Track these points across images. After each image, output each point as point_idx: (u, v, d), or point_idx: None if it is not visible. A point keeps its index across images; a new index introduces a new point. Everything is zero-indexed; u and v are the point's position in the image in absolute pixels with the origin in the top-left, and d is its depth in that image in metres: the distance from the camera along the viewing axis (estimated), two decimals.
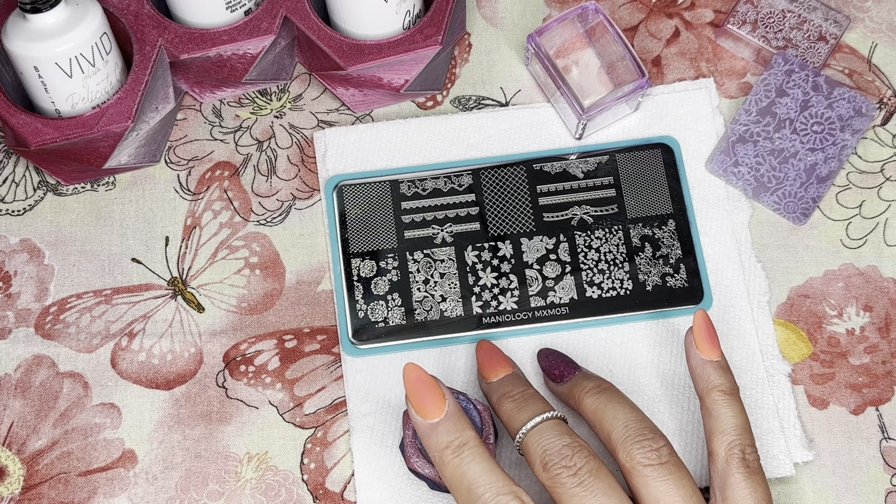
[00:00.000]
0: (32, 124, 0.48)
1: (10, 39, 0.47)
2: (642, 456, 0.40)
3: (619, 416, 0.42)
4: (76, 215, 0.53)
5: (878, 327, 0.51)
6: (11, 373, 0.50)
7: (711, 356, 0.44)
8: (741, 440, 0.42)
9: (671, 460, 0.40)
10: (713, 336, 0.44)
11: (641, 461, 0.40)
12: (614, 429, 0.41)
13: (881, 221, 0.53)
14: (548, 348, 0.49)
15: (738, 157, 0.52)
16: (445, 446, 0.40)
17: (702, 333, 0.44)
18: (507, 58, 0.56)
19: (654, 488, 0.40)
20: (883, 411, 0.49)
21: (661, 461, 0.40)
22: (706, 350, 0.44)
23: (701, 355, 0.44)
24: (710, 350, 0.44)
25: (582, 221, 0.51)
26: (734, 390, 0.43)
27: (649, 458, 0.40)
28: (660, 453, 0.40)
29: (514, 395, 0.44)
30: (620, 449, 0.41)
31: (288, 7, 0.51)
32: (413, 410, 0.41)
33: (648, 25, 0.56)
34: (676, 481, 0.40)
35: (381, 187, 0.52)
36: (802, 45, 0.54)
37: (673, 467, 0.40)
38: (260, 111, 0.54)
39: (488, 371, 0.46)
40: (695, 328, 0.44)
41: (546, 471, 0.40)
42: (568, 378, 0.46)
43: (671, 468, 0.40)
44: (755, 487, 0.41)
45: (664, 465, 0.40)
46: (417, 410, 0.40)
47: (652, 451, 0.40)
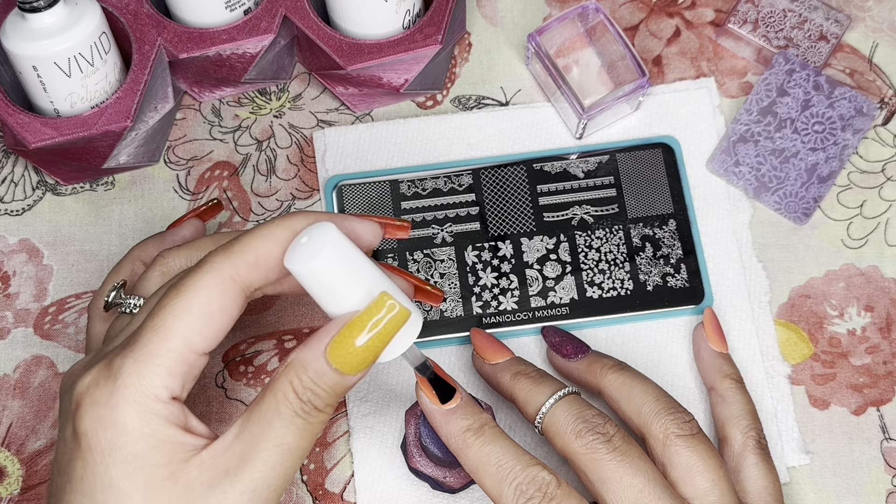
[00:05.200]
0: (31, 124, 0.48)
1: (8, 39, 0.46)
2: (676, 427, 0.41)
3: (650, 390, 0.43)
4: (75, 215, 0.53)
5: (880, 327, 0.50)
6: (10, 373, 0.50)
7: (722, 348, 0.47)
8: (755, 425, 0.45)
9: (701, 433, 0.42)
10: (721, 331, 0.48)
11: (676, 431, 0.41)
12: (646, 402, 0.43)
13: (882, 221, 0.52)
14: (552, 326, 0.49)
15: (739, 157, 0.52)
16: (466, 428, 0.40)
17: (712, 327, 0.48)
18: (508, 57, 0.55)
19: (687, 457, 0.41)
20: (884, 412, 0.49)
21: (692, 432, 0.41)
22: (717, 343, 0.47)
23: (713, 347, 0.47)
24: (720, 343, 0.47)
25: (582, 221, 0.51)
26: (742, 380, 0.47)
27: (682, 430, 0.41)
28: (691, 425, 0.42)
29: (529, 372, 0.44)
30: (654, 420, 0.42)
31: (287, 6, 0.51)
32: (427, 399, 0.41)
33: (649, 25, 0.56)
34: (707, 451, 0.41)
35: (381, 187, 0.52)
36: (803, 45, 0.54)
37: (703, 438, 0.42)
38: (259, 111, 0.54)
39: (492, 353, 0.46)
40: (706, 322, 0.48)
41: (580, 438, 0.40)
42: (581, 355, 0.47)
43: (701, 439, 0.42)
44: (769, 469, 0.44)
45: (695, 437, 0.41)
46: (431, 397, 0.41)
47: (684, 422, 0.42)
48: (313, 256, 0.34)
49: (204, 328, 0.34)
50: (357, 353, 0.35)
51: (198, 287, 0.34)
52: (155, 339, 0.34)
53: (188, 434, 0.34)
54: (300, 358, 0.35)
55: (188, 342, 0.34)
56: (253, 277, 0.35)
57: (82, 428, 0.34)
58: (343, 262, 0.34)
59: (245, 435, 0.34)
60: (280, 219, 0.36)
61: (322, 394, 0.35)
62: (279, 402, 0.34)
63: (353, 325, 0.35)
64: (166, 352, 0.34)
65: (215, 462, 0.34)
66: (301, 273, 0.34)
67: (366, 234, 0.38)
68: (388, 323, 0.35)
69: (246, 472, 0.34)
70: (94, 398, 0.34)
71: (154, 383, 0.33)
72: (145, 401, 0.33)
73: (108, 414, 0.33)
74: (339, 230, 0.35)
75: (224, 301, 0.35)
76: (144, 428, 0.33)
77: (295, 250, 0.35)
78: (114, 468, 0.33)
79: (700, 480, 0.40)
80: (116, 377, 0.33)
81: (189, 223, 0.47)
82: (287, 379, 0.35)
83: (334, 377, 0.35)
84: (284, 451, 0.34)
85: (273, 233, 0.35)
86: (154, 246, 0.46)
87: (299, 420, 0.34)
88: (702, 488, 0.40)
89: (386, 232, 0.40)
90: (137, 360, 0.34)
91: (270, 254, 0.35)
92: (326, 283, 0.35)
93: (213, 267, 0.35)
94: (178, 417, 0.34)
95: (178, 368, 0.34)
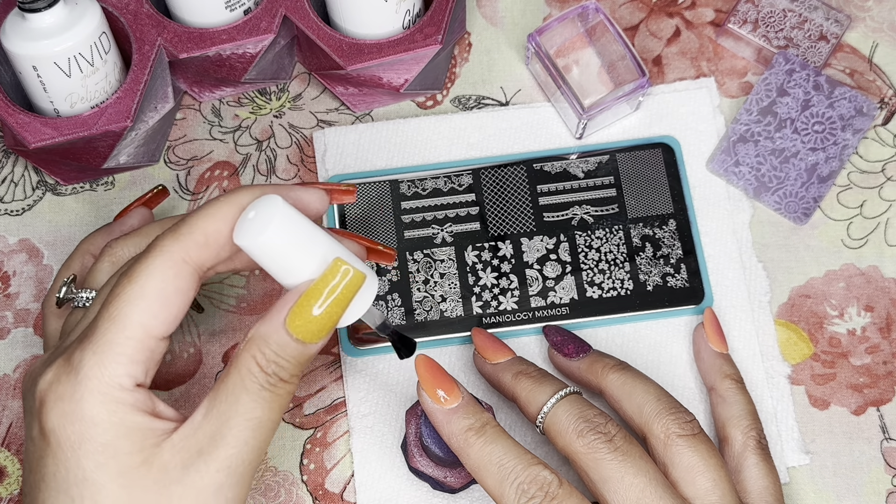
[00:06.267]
0: (31, 124, 0.48)
1: (8, 39, 0.46)
2: (678, 427, 0.41)
3: (651, 390, 0.43)
4: (75, 215, 0.53)
5: (880, 327, 0.50)
6: (10, 373, 0.50)
7: (722, 349, 0.48)
8: (756, 425, 0.45)
9: (702, 433, 0.42)
10: (721, 331, 0.48)
11: (677, 431, 0.41)
12: (647, 402, 0.43)
13: (882, 221, 0.52)
14: (553, 325, 0.49)
15: (739, 157, 0.52)
16: (468, 428, 0.40)
17: (713, 328, 0.48)
18: (508, 57, 0.55)
19: (689, 457, 0.41)
20: (884, 412, 0.49)
21: (693, 432, 0.41)
22: (717, 343, 0.48)
23: (713, 348, 0.47)
24: (720, 343, 0.48)
25: (582, 221, 0.51)
26: (742, 380, 0.47)
27: (684, 429, 0.41)
28: (692, 425, 0.42)
29: (530, 372, 0.44)
30: (656, 420, 0.42)
31: (287, 6, 0.51)
32: (428, 399, 0.41)
33: (649, 25, 0.56)
34: (708, 451, 0.41)
35: (381, 187, 0.52)
36: (803, 45, 0.54)
37: (704, 438, 0.42)
38: (259, 111, 0.54)
39: (492, 353, 0.46)
40: (706, 323, 0.48)
41: (581, 437, 0.40)
42: (583, 354, 0.47)
43: (703, 439, 0.42)
44: (770, 468, 0.44)
45: (696, 437, 0.41)
46: (433, 396, 0.41)
47: (686, 422, 0.42)
48: (262, 231, 0.34)
49: (160, 312, 0.34)
50: (316, 320, 0.35)
51: (150, 272, 0.34)
52: (112, 328, 0.34)
53: (156, 419, 0.34)
54: (261, 332, 0.35)
55: (146, 328, 0.34)
56: (204, 257, 0.35)
57: (49, 425, 0.33)
58: (292, 233, 0.34)
59: (214, 413, 0.34)
60: (225, 195, 0.36)
61: (286, 364, 0.35)
62: (244, 377, 0.34)
63: (309, 293, 0.35)
64: (125, 340, 0.33)
65: (187, 443, 0.34)
66: (251, 248, 0.34)
67: (313, 201, 0.38)
68: (345, 288, 0.35)
69: (220, 450, 0.34)
70: (57, 394, 0.34)
71: (116, 372, 0.33)
72: (109, 391, 0.33)
73: (74, 408, 0.33)
74: (285, 201, 0.35)
75: (178, 283, 0.34)
76: (112, 417, 0.33)
77: (243, 226, 0.35)
78: (85, 460, 0.33)
79: (701, 480, 0.40)
80: (78, 370, 0.33)
81: (136, 212, 0.47)
82: (250, 353, 0.35)
83: (296, 347, 0.35)
84: (255, 424, 0.34)
85: (220, 210, 0.35)
86: (102, 237, 0.46)
87: (266, 393, 0.35)
88: (703, 488, 0.40)
89: (332, 198, 0.40)
90: (97, 352, 0.33)
91: (219, 231, 0.35)
92: (278, 256, 0.35)
93: (163, 250, 0.34)
94: (145, 403, 0.34)
95: (139, 355, 0.34)
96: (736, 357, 0.49)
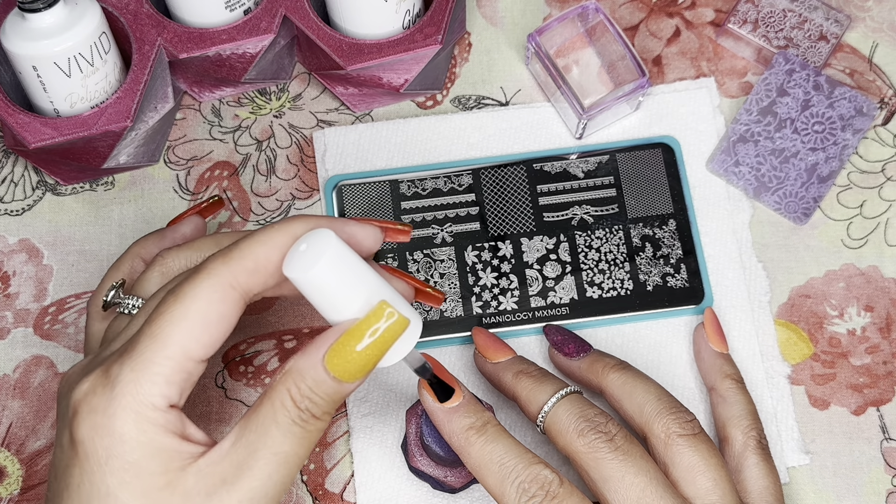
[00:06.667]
0: (31, 124, 0.48)
1: (8, 39, 0.46)
2: (678, 426, 0.41)
3: (651, 390, 0.43)
4: (75, 215, 0.53)
5: (879, 327, 0.50)
6: (10, 373, 0.50)
7: (722, 349, 0.47)
8: (756, 425, 0.45)
9: (702, 432, 0.42)
10: (722, 331, 0.48)
11: (678, 431, 0.41)
12: (648, 401, 0.43)
13: (882, 221, 0.52)
14: (554, 324, 0.49)
15: (739, 157, 0.52)
16: (469, 426, 0.40)
17: (713, 328, 0.48)
18: (508, 57, 0.55)
19: (689, 457, 0.41)
20: (884, 412, 0.49)
21: (694, 432, 0.41)
22: (717, 343, 0.47)
23: (713, 347, 0.47)
24: (720, 343, 0.48)
25: (582, 221, 0.51)
26: (742, 379, 0.47)
27: (684, 429, 0.41)
28: (693, 425, 0.42)
29: (531, 371, 0.44)
30: (656, 420, 0.42)
31: (287, 6, 0.51)
32: (429, 397, 0.41)
33: (649, 25, 0.56)
34: (709, 451, 0.41)
35: (381, 187, 0.52)
36: (803, 45, 0.54)
37: (705, 438, 0.42)
38: (259, 111, 0.54)
39: (493, 352, 0.46)
40: (706, 323, 0.48)
41: (582, 437, 0.40)
42: (583, 354, 0.47)
43: (703, 438, 0.42)
44: (770, 469, 0.44)
45: (697, 436, 0.41)
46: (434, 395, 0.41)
47: (686, 422, 0.42)
48: (312, 265, 0.34)
49: (202, 336, 0.34)
50: (355, 361, 0.34)
51: (196, 294, 0.34)
52: (152, 346, 0.33)
53: (185, 442, 0.34)
54: (298, 366, 0.34)
55: (186, 350, 0.34)
56: (252, 284, 0.35)
57: (79, 435, 0.33)
58: (342, 270, 0.34)
59: (242, 443, 0.34)
60: (279, 224, 0.36)
61: (320, 402, 0.35)
62: (276, 410, 0.34)
63: (351, 333, 0.34)
64: (164, 360, 0.33)
65: (212, 470, 0.34)
66: (299, 281, 0.34)
67: (366, 238, 0.38)
68: (387, 331, 0.34)
69: (243, 481, 0.34)
70: (91, 406, 0.33)
71: (151, 392, 0.33)
72: (143, 409, 0.33)
73: (106, 422, 0.33)
74: (337, 237, 0.34)
75: (223, 308, 0.34)
76: (141, 437, 0.33)
77: (293, 258, 0.35)
78: (111, 477, 0.33)
79: (702, 480, 0.40)
80: (114, 385, 0.33)
81: (189, 220, 0.47)
82: (285, 387, 0.34)
83: (332, 385, 0.34)
84: (282, 459, 0.34)
85: (272, 238, 0.35)
86: (154, 243, 0.46)
87: (297, 428, 0.34)
88: (703, 488, 0.40)
89: (387, 236, 0.40)
90: (135, 369, 0.33)
91: (269, 260, 0.35)
92: (325, 291, 0.34)
93: (211, 273, 0.34)
94: (176, 425, 0.34)
95: (176, 377, 0.34)
96: (736, 357, 0.49)
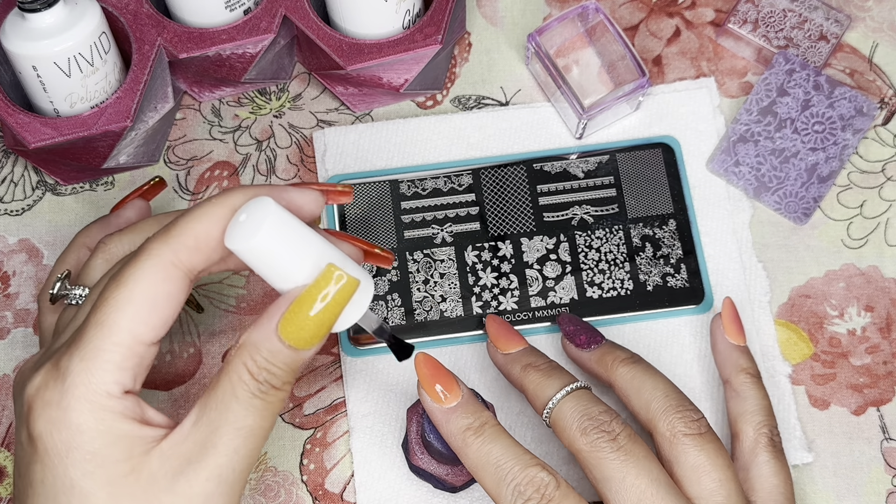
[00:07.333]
0: (31, 124, 0.48)
1: (8, 39, 0.46)
2: (683, 425, 0.41)
3: (659, 386, 0.42)
4: (75, 215, 0.53)
5: (880, 327, 0.50)
6: (10, 373, 0.50)
7: (739, 341, 0.46)
8: (769, 421, 0.44)
9: (709, 431, 0.41)
10: (740, 322, 0.46)
11: (683, 430, 0.41)
12: (654, 398, 0.42)
13: (882, 221, 0.52)
14: (569, 314, 0.48)
15: (739, 157, 0.52)
16: (467, 427, 0.40)
17: (730, 319, 0.46)
18: (508, 57, 0.55)
19: (694, 457, 0.40)
20: (884, 412, 0.49)
21: (700, 431, 0.41)
22: (734, 335, 0.46)
23: (729, 339, 0.46)
24: (737, 335, 0.46)
25: (582, 221, 0.51)
26: (759, 374, 0.45)
27: (690, 428, 0.41)
28: (699, 424, 0.41)
29: (539, 365, 0.44)
30: (661, 418, 0.41)
31: (287, 6, 0.51)
32: (428, 397, 0.40)
33: (649, 24, 0.56)
34: (715, 450, 0.41)
35: (381, 187, 0.52)
36: (803, 45, 0.54)
37: (711, 437, 0.41)
38: (259, 111, 0.54)
39: (505, 342, 0.46)
40: (723, 314, 0.47)
41: (585, 435, 0.40)
42: (595, 346, 0.46)
43: (710, 438, 0.41)
44: (781, 466, 0.43)
45: (703, 436, 0.41)
46: (433, 395, 0.40)
47: (693, 421, 0.41)
48: (253, 234, 0.33)
49: (150, 318, 0.33)
50: (309, 327, 0.34)
51: (138, 276, 0.33)
52: (99, 334, 0.33)
53: (145, 426, 0.34)
54: (252, 339, 0.34)
55: (135, 334, 0.33)
56: (195, 260, 0.34)
57: (36, 431, 0.33)
58: (284, 236, 0.33)
59: (204, 421, 0.34)
60: (217, 196, 0.35)
61: (278, 372, 0.34)
62: (235, 384, 0.34)
63: (302, 300, 0.34)
64: (113, 346, 0.33)
65: (176, 451, 0.33)
66: (243, 252, 0.34)
67: (307, 203, 0.37)
68: (338, 294, 0.34)
69: (209, 458, 0.33)
70: (45, 400, 0.33)
71: (104, 380, 0.33)
72: (97, 398, 0.33)
73: (61, 415, 0.33)
74: (277, 204, 0.34)
75: (168, 287, 0.34)
76: (99, 426, 0.33)
77: (234, 229, 0.34)
78: (73, 468, 0.33)
79: (706, 480, 0.40)
80: (65, 377, 0.33)
81: (132, 204, 0.47)
82: (241, 361, 0.34)
83: (288, 354, 0.34)
84: (246, 433, 0.34)
85: (211, 212, 0.34)
86: (98, 230, 0.45)
87: (257, 401, 0.34)
88: (707, 488, 0.40)
89: (328, 198, 0.39)
90: (84, 358, 0.33)
91: (210, 234, 0.34)
92: (269, 260, 0.34)
93: (152, 254, 0.34)
94: (134, 411, 0.34)
95: (128, 362, 0.33)
96: None
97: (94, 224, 0.46)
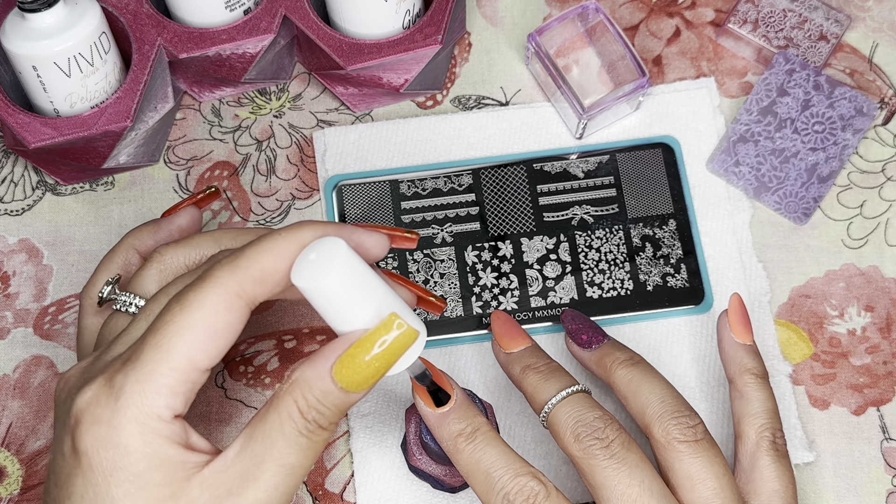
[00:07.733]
0: (31, 124, 0.48)
1: (8, 39, 0.46)
2: (678, 432, 0.40)
3: (656, 390, 0.42)
4: (75, 215, 0.53)
5: (880, 327, 0.50)
6: (10, 373, 0.50)
7: (745, 339, 0.44)
8: (772, 423, 0.43)
9: (706, 438, 0.40)
10: (747, 320, 0.45)
11: (678, 437, 0.40)
12: (650, 403, 0.41)
13: (882, 221, 0.52)
14: (573, 310, 0.48)
15: (739, 157, 0.52)
16: (458, 433, 0.39)
17: (737, 316, 0.45)
18: (508, 57, 0.55)
19: (689, 464, 0.40)
20: (884, 412, 0.49)
21: (696, 438, 0.40)
22: (740, 333, 0.44)
23: (735, 338, 0.44)
24: (743, 333, 0.44)
25: (582, 221, 0.51)
26: (765, 374, 0.44)
27: (685, 435, 0.40)
28: (696, 430, 0.40)
29: (538, 367, 0.43)
30: (656, 423, 0.41)
31: (287, 6, 0.51)
32: (422, 401, 0.40)
33: (649, 24, 0.56)
34: (711, 458, 0.40)
35: (381, 187, 0.52)
36: (803, 45, 0.54)
37: (707, 444, 0.40)
38: (259, 111, 0.54)
39: (508, 341, 0.45)
40: (730, 311, 0.45)
41: (578, 442, 0.40)
42: (596, 345, 0.45)
43: (706, 445, 0.40)
44: (783, 471, 0.42)
45: (699, 443, 0.40)
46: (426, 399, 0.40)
47: (688, 427, 0.40)
48: (322, 275, 0.33)
49: (207, 346, 0.33)
50: (363, 372, 0.34)
51: (202, 303, 0.33)
52: (157, 356, 0.33)
53: (189, 451, 0.34)
54: (305, 376, 0.34)
55: (191, 360, 0.33)
56: (258, 292, 0.34)
57: (83, 446, 0.33)
58: (352, 280, 0.33)
59: (248, 453, 0.34)
60: (287, 231, 0.35)
61: (327, 412, 0.34)
62: (283, 421, 0.34)
63: (360, 344, 0.34)
64: (169, 370, 0.33)
65: (217, 480, 0.33)
66: (309, 290, 0.33)
67: (373, 246, 0.37)
68: (396, 342, 0.34)
69: (249, 493, 0.33)
70: (95, 416, 0.33)
71: (157, 403, 0.33)
72: (148, 421, 0.33)
73: (111, 434, 0.33)
74: (347, 246, 0.34)
75: (229, 317, 0.34)
76: (146, 448, 0.33)
77: (303, 266, 0.34)
78: (115, 488, 0.33)
79: (700, 489, 0.39)
80: (118, 396, 0.33)
81: (185, 212, 0.47)
82: (292, 397, 0.34)
83: (339, 395, 0.34)
84: (288, 470, 0.34)
85: (280, 246, 0.34)
86: (149, 234, 0.45)
87: (303, 439, 0.34)
88: (702, 497, 0.39)
89: (393, 243, 0.39)
90: (140, 380, 0.33)
91: (277, 269, 0.34)
92: (334, 301, 0.34)
93: (219, 282, 0.34)
94: (180, 435, 0.34)
95: (181, 387, 0.33)
96: None
97: (144, 227, 0.46)
